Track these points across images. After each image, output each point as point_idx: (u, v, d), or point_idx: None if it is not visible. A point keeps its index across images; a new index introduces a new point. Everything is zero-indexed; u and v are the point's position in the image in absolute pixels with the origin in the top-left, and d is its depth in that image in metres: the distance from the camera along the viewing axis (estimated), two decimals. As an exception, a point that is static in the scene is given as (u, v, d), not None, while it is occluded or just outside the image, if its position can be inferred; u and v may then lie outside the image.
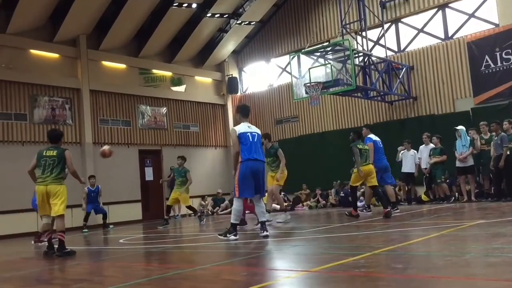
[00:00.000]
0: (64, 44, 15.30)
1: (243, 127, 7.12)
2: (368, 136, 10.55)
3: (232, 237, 6.89)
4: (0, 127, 13.76)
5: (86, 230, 13.06)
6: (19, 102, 14.24)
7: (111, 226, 13.91)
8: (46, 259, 7.01)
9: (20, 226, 13.18)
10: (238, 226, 7.25)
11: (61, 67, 15.32)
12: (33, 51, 14.71)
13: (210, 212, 17.12)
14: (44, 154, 7.24)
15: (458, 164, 12.03)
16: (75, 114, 15.37)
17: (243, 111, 7.46)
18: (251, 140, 6.95)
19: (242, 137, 6.98)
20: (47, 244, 7.48)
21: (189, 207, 12.76)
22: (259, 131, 7.26)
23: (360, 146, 9.66)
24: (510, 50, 13.47)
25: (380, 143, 10.73)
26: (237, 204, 6.99)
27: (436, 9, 15.30)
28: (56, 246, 7.12)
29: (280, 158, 9.80)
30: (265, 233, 6.86)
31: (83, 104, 15.40)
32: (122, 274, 5.13)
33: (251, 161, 6.87)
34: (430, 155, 12.57)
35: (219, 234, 7.18)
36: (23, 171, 13.31)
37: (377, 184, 9.71)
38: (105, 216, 13.82)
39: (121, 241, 9.15)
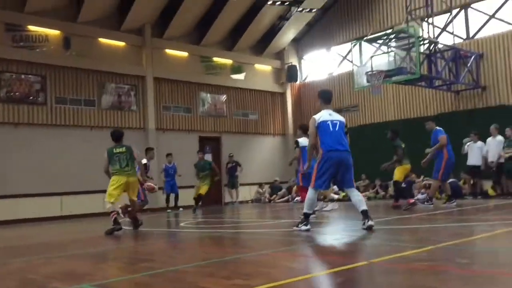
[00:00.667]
0: (130, 33, 15.84)
1: (324, 115, 6.47)
2: (437, 128, 10.47)
3: (303, 227, 6.37)
4: (71, 112, 14.50)
5: (169, 210, 14.11)
6: (88, 89, 14.91)
7: (181, 208, 14.50)
8: (113, 239, 7.37)
9: (89, 206, 13.87)
10: None
11: (127, 55, 15.88)
12: (101, 40, 15.33)
13: (267, 200, 17.26)
14: (114, 151, 8.02)
15: (529, 158, 11.39)
16: (139, 101, 15.92)
17: (324, 97, 6.77)
18: (331, 129, 6.35)
19: (322, 126, 6.39)
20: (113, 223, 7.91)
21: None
22: (342, 119, 6.59)
23: (403, 145, 10.34)
24: None
25: None
26: (311, 194, 6.46)
27: (509, -7, 14.44)
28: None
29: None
30: (369, 222, 6.12)
31: (147, 91, 15.91)
32: (183, 256, 5.31)
33: (333, 152, 6.30)
34: (503, 147, 11.95)
35: (295, 226, 6.61)
36: (91, 154, 14.00)
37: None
38: (177, 197, 14.63)
39: (182, 224, 9.44)
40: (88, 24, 14.88)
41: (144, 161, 9.58)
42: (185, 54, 17.24)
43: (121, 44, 15.79)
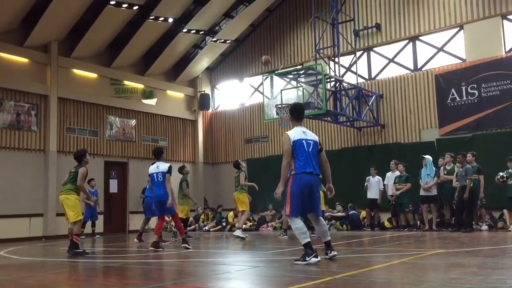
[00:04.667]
0: (34, 49, 14.98)
1: (298, 133, 6.04)
2: None
3: (313, 259, 5.74)
4: (-40, 129, 13.30)
5: (83, 237, 13.15)
6: (-18, 105, 13.82)
7: (98, 236, 13.84)
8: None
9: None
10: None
11: (30, 72, 14.97)
12: (1, 54, 14.35)
13: (173, 229, 16.85)
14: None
15: (422, 192, 12.26)
16: (40, 121, 14.99)
17: (296, 113, 6.28)
18: (306, 149, 5.95)
19: (297, 145, 5.95)
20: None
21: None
22: (316, 138, 6.19)
23: None
24: (475, 85, 13.96)
25: None
26: (294, 223, 5.90)
27: (407, 40, 15.76)
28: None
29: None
30: (333, 252, 6.09)
31: (50, 111, 15.04)
32: (77, 289, 4.97)
33: (306, 174, 5.90)
34: (395, 183, 12.77)
35: (295, 260, 5.94)
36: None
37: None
38: (94, 224, 14.21)
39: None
40: (-13, 37, 13.91)
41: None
42: (94, 75, 16.64)
43: (24, 60, 14.86)
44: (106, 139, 16.72)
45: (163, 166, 9.07)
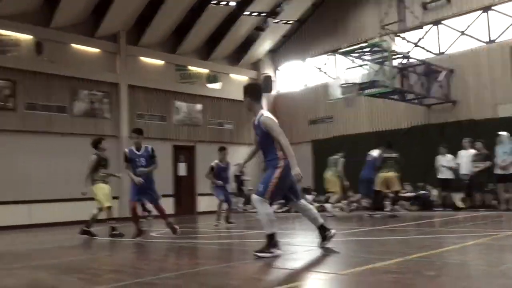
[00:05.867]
0: (104, 40, 15.65)
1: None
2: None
3: (278, 251, 5.22)
4: (41, 118, 14.20)
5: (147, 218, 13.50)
6: (60, 95, 14.64)
7: (149, 217, 14.34)
8: (79, 248, 7.20)
9: (58, 215, 13.59)
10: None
11: (101, 62, 15.68)
12: (74, 46, 15.11)
13: (242, 210, 17.17)
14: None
15: (497, 171, 11.64)
16: (112, 108, 15.71)
17: (258, 93, 5.82)
18: None
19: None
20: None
21: None
22: None
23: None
24: (557, 55, 12.94)
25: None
26: (266, 207, 5.25)
27: (479, 11, 14.84)
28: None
29: None
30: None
31: (121, 98, 15.72)
32: (152, 267, 5.21)
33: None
34: (473, 161, 12.18)
35: (255, 252, 5.23)
36: (61, 162, 13.79)
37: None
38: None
39: (152, 234, 9.29)
40: (61, 30, 14.65)
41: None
42: (160, 62, 17.13)
43: (95, 50, 15.58)
44: (174, 124, 17.23)
45: None
